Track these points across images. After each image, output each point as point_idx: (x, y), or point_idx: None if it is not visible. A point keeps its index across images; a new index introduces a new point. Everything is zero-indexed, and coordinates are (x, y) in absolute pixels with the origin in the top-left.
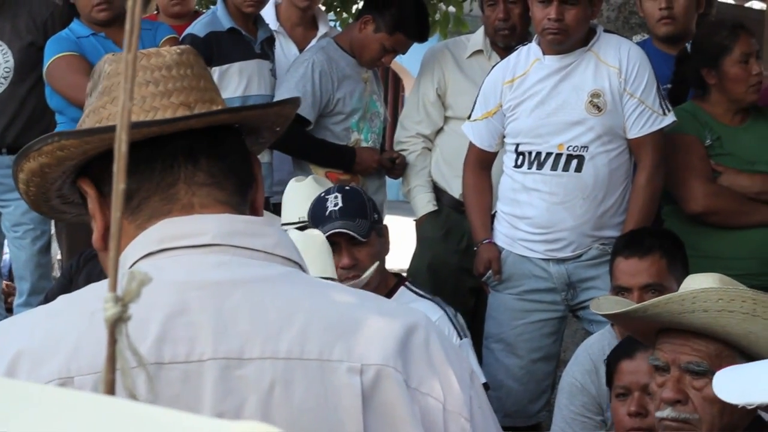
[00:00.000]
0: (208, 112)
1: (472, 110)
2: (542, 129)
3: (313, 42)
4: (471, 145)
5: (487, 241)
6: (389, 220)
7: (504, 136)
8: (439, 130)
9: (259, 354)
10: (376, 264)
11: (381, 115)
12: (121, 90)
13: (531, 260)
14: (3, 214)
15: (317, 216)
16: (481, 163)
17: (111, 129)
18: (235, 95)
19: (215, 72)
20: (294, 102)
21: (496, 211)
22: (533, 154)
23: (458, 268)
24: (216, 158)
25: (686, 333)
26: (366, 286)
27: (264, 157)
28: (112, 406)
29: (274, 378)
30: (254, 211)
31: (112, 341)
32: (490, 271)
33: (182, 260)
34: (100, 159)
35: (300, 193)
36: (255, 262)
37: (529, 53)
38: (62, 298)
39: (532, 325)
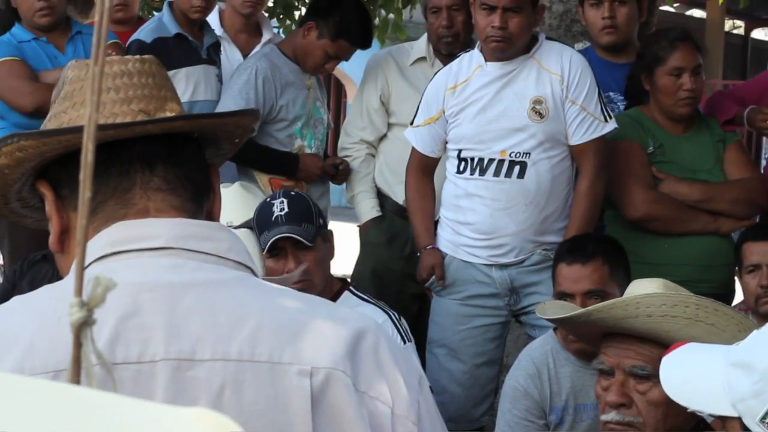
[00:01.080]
0: (164, 118)
1: (415, 116)
2: (484, 135)
3: (257, 48)
4: (413, 151)
5: (430, 246)
6: (333, 226)
7: (446, 142)
8: (383, 137)
9: (210, 355)
10: (303, 266)
11: (324, 121)
12: (88, 101)
13: (474, 266)
14: None
15: (263, 221)
16: (423, 169)
17: (68, 131)
18: (183, 100)
19: None
20: (253, 113)
21: (439, 217)
22: (476, 160)
23: (402, 274)
24: (173, 165)
25: (630, 337)
26: (311, 289)
27: None
28: (67, 393)
29: (225, 379)
30: (211, 221)
31: (78, 345)
32: (433, 277)
33: (135, 263)
34: (59, 162)
35: (226, 199)
36: (207, 266)
37: (472, 60)
38: (16, 299)
39: (475, 330)
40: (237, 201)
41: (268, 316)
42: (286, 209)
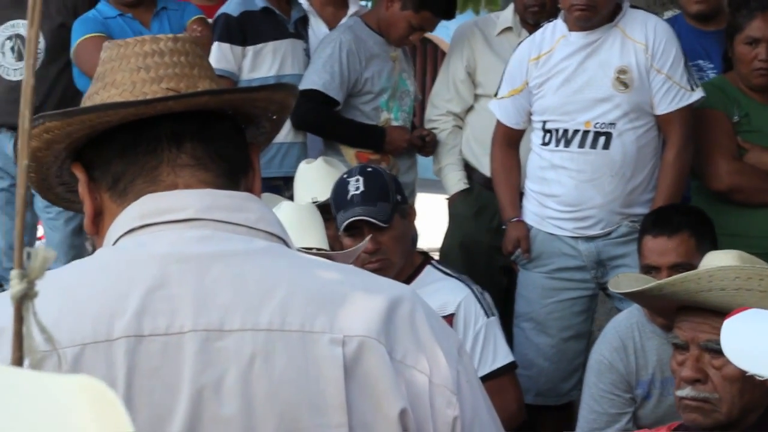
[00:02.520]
0: (186, 94)
1: (499, 88)
2: (569, 106)
3: (343, 21)
4: (498, 123)
5: (515, 219)
6: (421, 199)
7: (531, 114)
8: (470, 108)
9: (239, 326)
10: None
11: (411, 93)
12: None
13: (560, 238)
14: (36, 194)
15: (339, 200)
16: (508, 141)
17: (91, 110)
18: (269, 75)
19: (249, 51)
20: (287, 88)
21: (524, 189)
22: (560, 132)
23: (490, 247)
24: (202, 142)
25: (705, 311)
26: (389, 268)
27: (298, 138)
28: None
29: (255, 349)
30: None
31: (19, 318)
32: (518, 250)
33: (163, 235)
34: (91, 144)
35: (310, 175)
36: (237, 236)
37: (555, 30)
38: (44, 274)
39: (562, 304)
40: (321, 176)
41: (300, 286)
42: (362, 188)
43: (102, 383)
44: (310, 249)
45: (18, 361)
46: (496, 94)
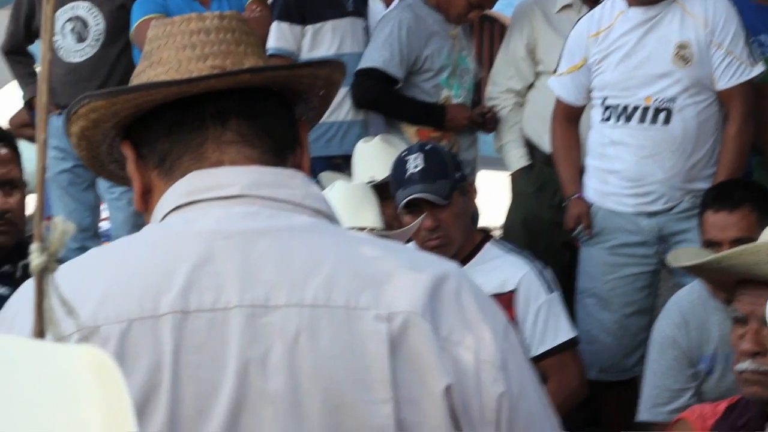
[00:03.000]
0: (228, 72)
1: (558, 64)
2: (629, 82)
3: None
4: (558, 100)
5: (576, 195)
6: (483, 176)
7: (591, 90)
8: (531, 86)
9: (284, 301)
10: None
11: (471, 71)
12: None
13: (621, 214)
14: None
15: (398, 177)
16: (568, 118)
17: (134, 89)
18: (329, 53)
19: (308, 31)
20: (333, 64)
21: (585, 165)
22: (620, 108)
23: (552, 223)
24: (247, 119)
25: (765, 284)
26: (449, 245)
27: (358, 116)
28: None
29: (300, 325)
30: None
31: (40, 291)
32: (580, 226)
33: (210, 211)
34: (140, 121)
35: (368, 154)
36: (282, 213)
37: (614, 6)
38: (92, 252)
39: (624, 279)
40: (379, 155)
41: (345, 262)
42: (421, 166)
43: (103, 352)
44: (364, 228)
45: (40, 334)
46: (555, 71)
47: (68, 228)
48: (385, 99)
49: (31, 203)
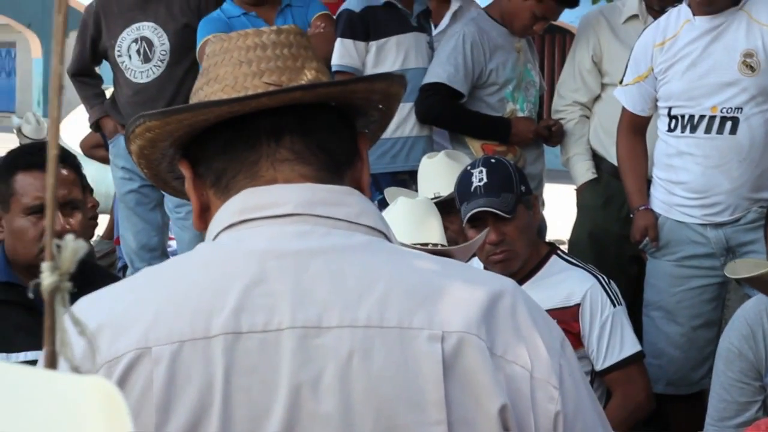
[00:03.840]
0: (278, 90)
1: (624, 75)
2: (694, 91)
3: (447, 17)
4: (624, 110)
5: (643, 207)
6: (550, 189)
7: (657, 100)
8: (597, 98)
9: (337, 322)
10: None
11: (536, 84)
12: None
13: (688, 225)
14: (166, 195)
15: (462, 191)
16: (634, 129)
17: (185, 109)
18: (394, 69)
19: (372, 47)
20: (388, 78)
21: (652, 177)
22: (686, 118)
23: (620, 236)
24: (302, 135)
25: None
26: (514, 259)
27: (423, 131)
28: None
29: (353, 346)
30: (360, 190)
31: (51, 312)
32: (647, 238)
33: (263, 230)
34: (197, 140)
35: (433, 170)
36: (336, 231)
37: (680, 14)
38: (144, 272)
39: (691, 292)
40: (443, 170)
41: (399, 281)
42: (485, 179)
43: (112, 384)
44: (427, 244)
45: (51, 355)
46: (621, 81)
47: (79, 247)
48: (449, 114)
49: (102, 224)
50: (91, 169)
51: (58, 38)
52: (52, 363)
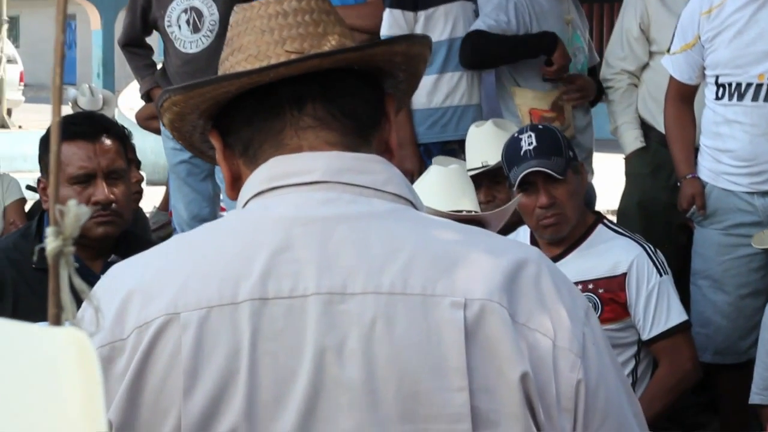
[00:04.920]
0: (296, 59)
1: (671, 43)
2: (741, 59)
3: None
4: (671, 79)
5: (690, 176)
6: (598, 158)
7: (704, 68)
8: (645, 66)
9: (361, 289)
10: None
11: (584, 50)
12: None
13: (735, 194)
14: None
15: (512, 156)
16: (682, 97)
17: (206, 83)
18: (442, 38)
19: (421, 16)
20: (409, 39)
21: (699, 145)
22: (733, 86)
23: (668, 205)
24: (325, 101)
25: None
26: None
27: (473, 100)
28: None
29: (377, 313)
30: (388, 152)
31: (55, 274)
32: (694, 207)
33: (290, 198)
34: (225, 110)
35: (481, 138)
36: (362, 198)
37: None
38: (174, 239)
39: (738, 260)
40: (491, 139)
41: (423, 248)
42: (534, 143)
43: (84, 334)
44: (460, 211)
45: (56, 317)
46: (668, 50)
47: (81, 212)
48: (493, 48)
49: (157, 194)
50: (150, 141)
51: (60, 7)
52: (56, 324)
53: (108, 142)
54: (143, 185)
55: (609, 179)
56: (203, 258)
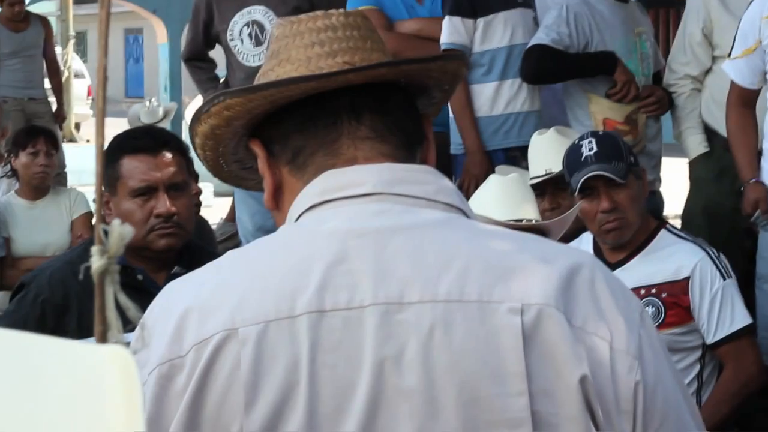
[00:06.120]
0: (365, 66)
1: (732, 47)
2: None
3: None
4: (732, 84)
5: (753, 180)
6: (663, 162)
7: (765, 73)
8: (708, 71)
9: (418, 298)
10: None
11: (650, 56)
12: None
13: None
14: None
15: (573, 162)
16: (743, 102)
17: (272, 85)
18: (501, 45)
19: (480, 23)
20: (459, 58)
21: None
22: None
23: (733, 209)
24: (380, 114)
25: None
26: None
27: (534, 107)
28: None
29: (434, 321)
30: None
31: (101, 292)
32: (758, 211)
33: (343, 210)
34: (269, 119)
35: (544, 146)
36: (415, 209)
37: None
38: (229, 254)
39: None
40: (554, 147)
41: (477, 256)
42: (595, 149)
43: (127, 352)
44: (520, 220)
45: (101, 335)
46: (729, 54)
47: (125, 231)
48: (553, 63)
49: (224, 205)
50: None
51: (102, 31)
52: (103, 341)
53: (169, 155)
54: (211, 197)
55: (674, 184)
56: (259, 273)
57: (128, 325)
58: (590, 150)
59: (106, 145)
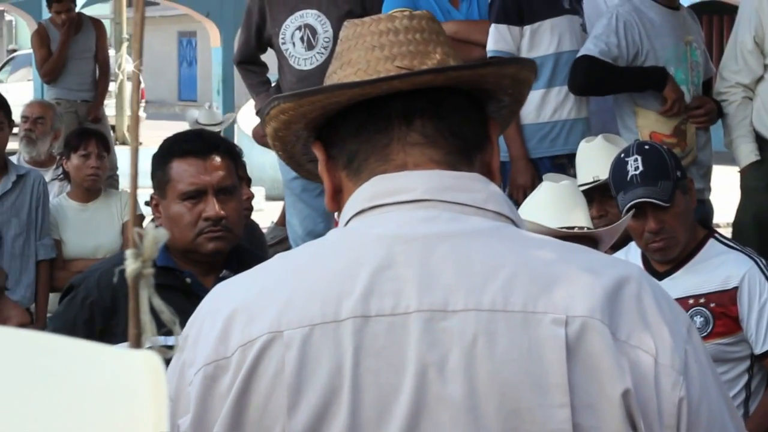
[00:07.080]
0: (410, 73)
1: None
2: None
3: None
4: None
5: None
6: (713, 170)
7: None
8: (760, 79)
9: (462, 306)
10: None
11: (700, 65)
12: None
13: None
14: None
15: (618, 180)
16: None
17: (319, 91)
18: (548, 53)
19: (527, 31)
20: (518, 62)
21: None
22: None
23: None
24: (433, 119)
25: None
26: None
27: (581, 114)
28: (12, 336)
29: (478, 330)
30: (490, 174)
31: (135, 296)
32: None
33: (391, 216)
34: (330, 123)
35: (591, 154)
36: (463, 216)
37: None
38: (277, 257)
39: None
40: (602, 154)
41: (523, 266)
42: (641, 167)
43: (158, 358)
44: (572, 228)
45: (135, 338)
46: None
47: (160, 235)
48: (601, 76)
49: (276, 209)
50: (269, 157)
51: (136, 35)
52: (137, 344)
53: (218, 159)
54: (263, 201)
55: (725, 192)
56: (306, 276)
57: (162, 328)
58: (636, 169)
59: (156, 149)
